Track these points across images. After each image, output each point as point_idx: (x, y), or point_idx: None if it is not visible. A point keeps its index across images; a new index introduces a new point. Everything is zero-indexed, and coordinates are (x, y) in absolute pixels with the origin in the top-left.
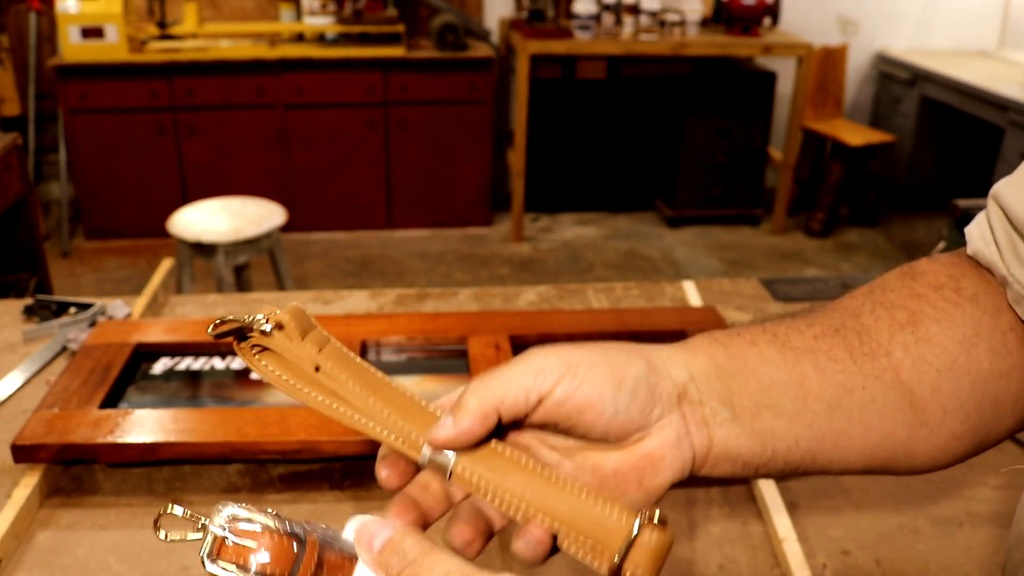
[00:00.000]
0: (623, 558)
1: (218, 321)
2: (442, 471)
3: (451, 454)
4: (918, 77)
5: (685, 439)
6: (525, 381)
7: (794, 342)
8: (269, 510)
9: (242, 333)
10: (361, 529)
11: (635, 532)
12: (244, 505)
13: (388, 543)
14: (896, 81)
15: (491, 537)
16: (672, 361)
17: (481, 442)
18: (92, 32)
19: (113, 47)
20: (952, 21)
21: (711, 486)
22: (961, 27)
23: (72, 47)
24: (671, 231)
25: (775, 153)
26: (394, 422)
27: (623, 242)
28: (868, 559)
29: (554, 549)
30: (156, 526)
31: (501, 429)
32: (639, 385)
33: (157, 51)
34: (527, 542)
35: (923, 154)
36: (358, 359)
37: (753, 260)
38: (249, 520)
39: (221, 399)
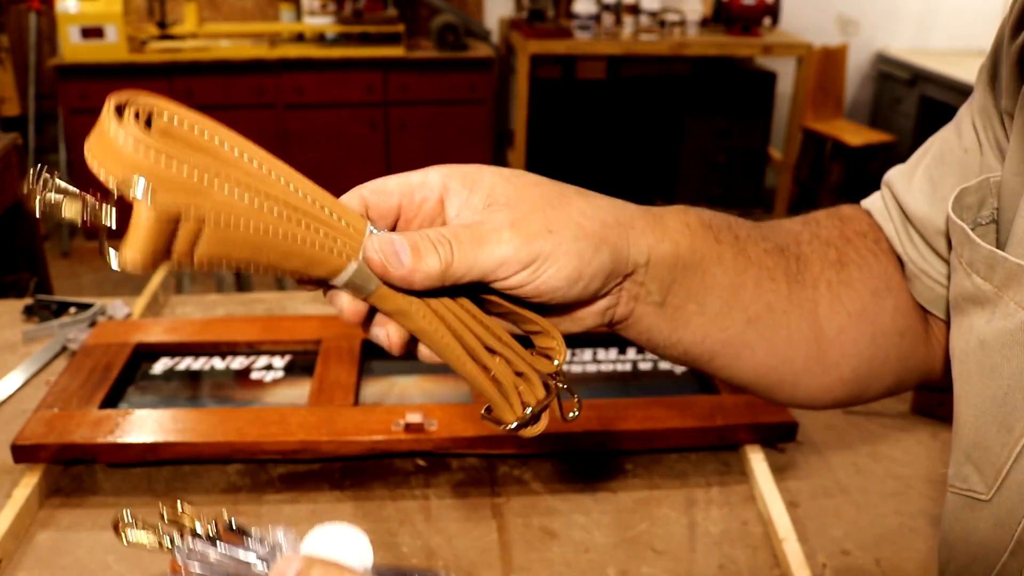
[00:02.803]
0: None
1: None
2: (362, 290)
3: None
4: (918, 77)
5: (610, 309)
6: (487, 265)
7: (749, 251)
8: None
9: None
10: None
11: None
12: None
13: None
14: (896, 81)
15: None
16: (639, 244)
17: None
18: (92, 32)
19: (113, 47)
20: (952, 21)
21: (711, 486)
22: (961, 27)
23: (72, 47)
24: None
25: (775, 153)
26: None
27: None
28: (868, 559)
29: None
30: (118, 531)
31: None
32: (595, 279)
33: (157, 51)
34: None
35: None
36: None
37: None
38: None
39: (221, 399)
